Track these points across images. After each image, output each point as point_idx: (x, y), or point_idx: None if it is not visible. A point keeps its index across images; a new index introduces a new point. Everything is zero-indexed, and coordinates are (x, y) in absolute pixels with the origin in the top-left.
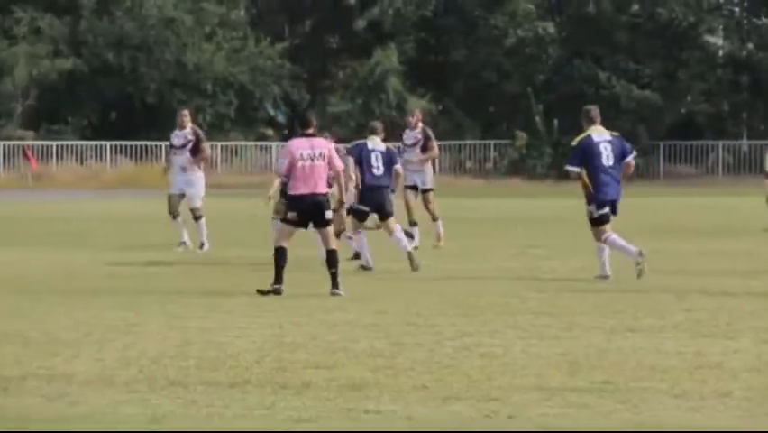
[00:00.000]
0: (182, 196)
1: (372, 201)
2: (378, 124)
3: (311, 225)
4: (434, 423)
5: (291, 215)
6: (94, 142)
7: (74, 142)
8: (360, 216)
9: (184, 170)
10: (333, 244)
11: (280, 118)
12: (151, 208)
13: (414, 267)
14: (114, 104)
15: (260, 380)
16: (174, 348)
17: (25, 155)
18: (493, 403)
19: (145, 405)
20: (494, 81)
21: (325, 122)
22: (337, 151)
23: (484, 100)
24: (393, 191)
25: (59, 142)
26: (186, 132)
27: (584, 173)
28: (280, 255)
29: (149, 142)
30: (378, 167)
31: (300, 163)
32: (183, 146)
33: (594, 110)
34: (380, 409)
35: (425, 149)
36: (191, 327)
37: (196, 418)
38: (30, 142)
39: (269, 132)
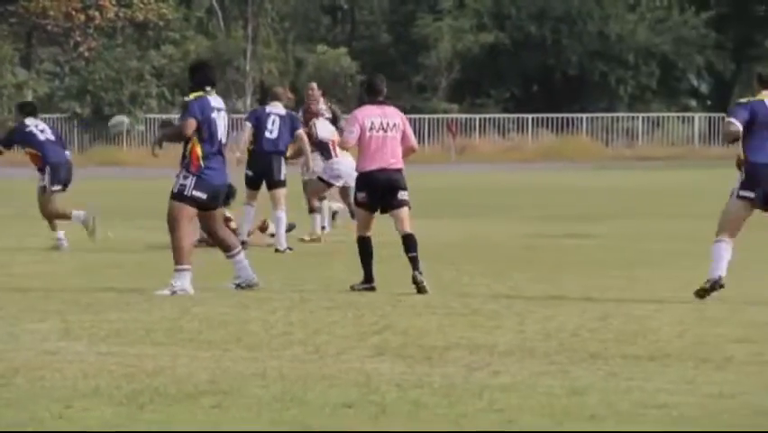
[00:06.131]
0: None
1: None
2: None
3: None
4: None
5: None
6: (515, 115)
7: (496, 115)
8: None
9: None
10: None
11: (704, 89)
12: (572, 180)
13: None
14: (535, 76)
15: (680, 354)
16: (594, 321)
17: (449, 129)
18: None
19: (564, 377)
20: None
21: None
22: None
23: None
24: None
25: (483, 116)
26: None
27: None
28: None
29: (570, 115)
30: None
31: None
32: None
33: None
34: None
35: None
36: (610, 301)
37: (615, 390)
38: (453, 116)
39: (692, 103)
